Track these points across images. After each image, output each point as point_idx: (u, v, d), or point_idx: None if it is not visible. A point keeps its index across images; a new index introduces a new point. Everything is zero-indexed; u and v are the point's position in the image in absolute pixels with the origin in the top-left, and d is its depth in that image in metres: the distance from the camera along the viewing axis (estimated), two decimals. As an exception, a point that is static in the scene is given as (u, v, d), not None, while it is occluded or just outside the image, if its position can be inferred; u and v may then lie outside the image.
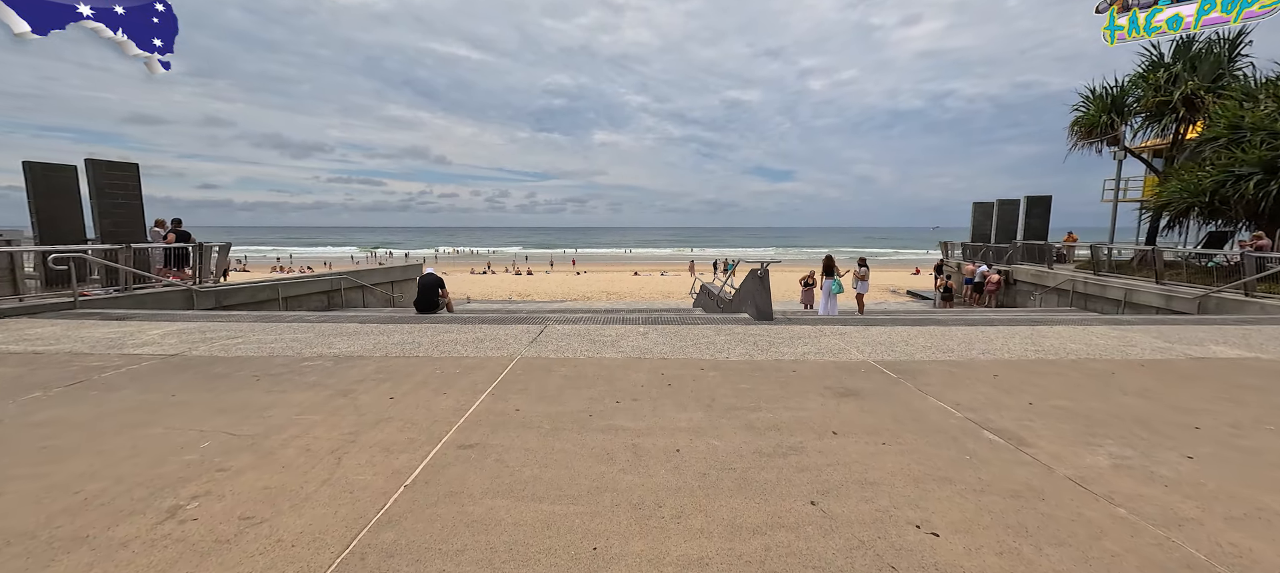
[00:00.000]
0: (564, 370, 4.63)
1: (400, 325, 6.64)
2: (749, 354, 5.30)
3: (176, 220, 9.62)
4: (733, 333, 6.27)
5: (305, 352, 5.27)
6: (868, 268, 12.13)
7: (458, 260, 65.72)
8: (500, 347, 5.51)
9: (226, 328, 6.39)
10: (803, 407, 3.76)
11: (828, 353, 5.39)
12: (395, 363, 4.87)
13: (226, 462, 2.81)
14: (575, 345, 5.59)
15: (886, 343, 5.87)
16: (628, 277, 38.17)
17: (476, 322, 6.94)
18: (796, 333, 6.33)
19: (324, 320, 7.00)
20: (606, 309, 13.20)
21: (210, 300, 9.65)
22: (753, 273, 7.45)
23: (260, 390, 4.03)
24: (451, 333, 6.17)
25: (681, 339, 5.94)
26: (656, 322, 7.02)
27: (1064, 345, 5.86)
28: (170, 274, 9.50)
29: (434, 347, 5.50)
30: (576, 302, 18.90)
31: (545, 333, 6.22)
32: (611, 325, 6.69)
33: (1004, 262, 17.00)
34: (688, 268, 45.00)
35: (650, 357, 5.16)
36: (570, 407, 3.71)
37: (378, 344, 5.60)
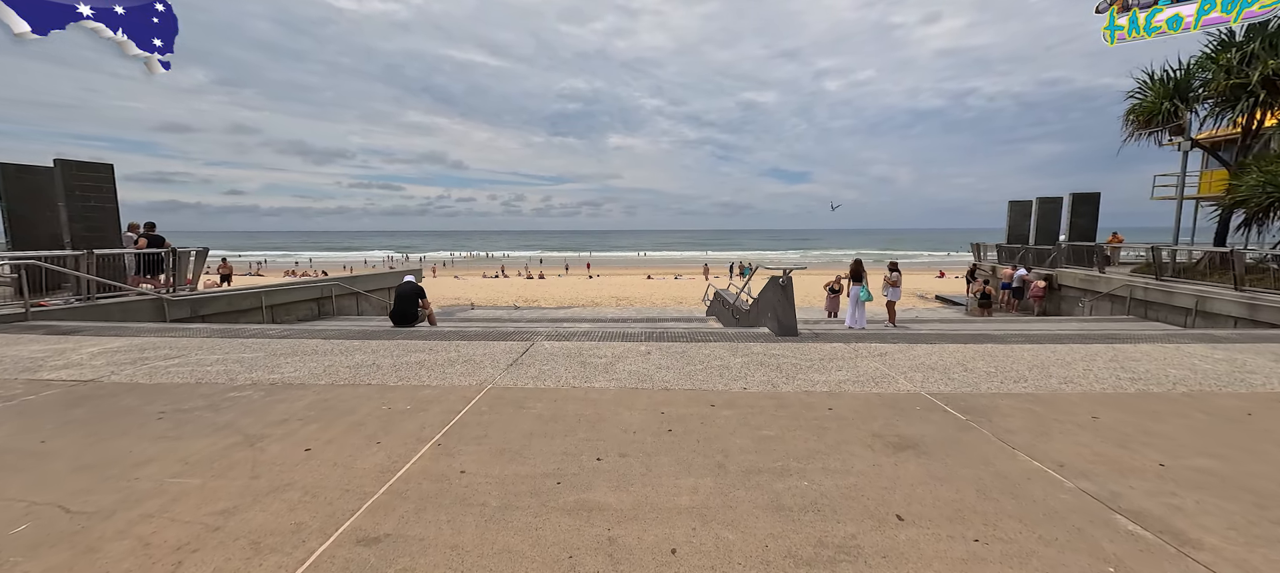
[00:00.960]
0: (540, 407, 3.71)
1: (367, 343, 5.81)
2: (771, 383, 4.32)
3: (150, 224, 9.01)
4: (751, 353, 5.28)
5: (242, 377, 4.45)
6: (899, 273, 11.00)
7: (472, 264, 65.62)
8: (472, 372, 4.62)
9: (173, 345, 5.63)
10: (847, 467, 2.78)
11: (868, 381, 4.38)
12: (339, 394, 4.00)
13: (16, 567, 1.95)
14: (561, 370, 4.67)
15: (939, 367, 4.82)
16: (640, 281, 37.25)
17: (455, 338, 6.07)
18: (827, 353, 5.32)
19: (287, 335, 6.20)
20: (612, 318, 12.29)
21: (185, 310, 8.99)
22: (773, 281, 6.47)
23: (152, 435, 3.19)
24: (421, 353, 5.30)
25: (690, 362, 4.98)
26: (662, 337, 6.07)
27: (1163, 371, 4.76)
28: (143, 282, 8.87)
29: (394, 371, 4.64)
30: (583, 307, 18.04)
31: (530, 353, 5.32)
32: (609, 344, 5.76)
33: (1046, 265, 15.64)
34: (702, 271, 43.92)
35: (650, 386, 4.22)
36: (535, 465, 2.79)
37: (330, 367, 4.76)
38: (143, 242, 8.71)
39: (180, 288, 9.35)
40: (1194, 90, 11.62)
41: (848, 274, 10.74)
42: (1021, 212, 18.49)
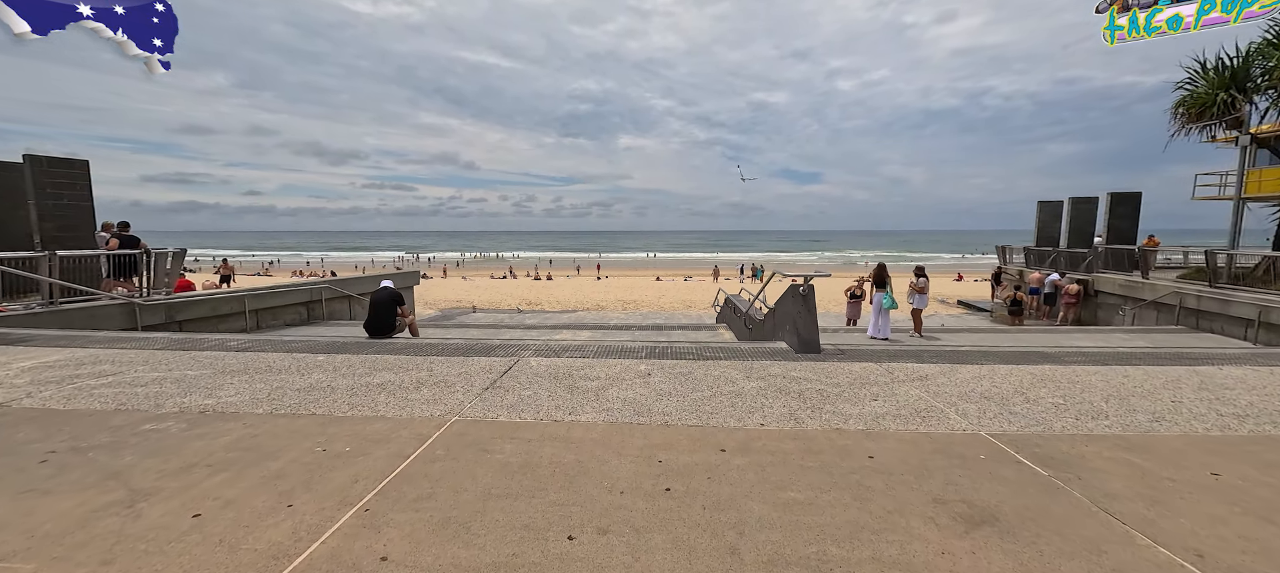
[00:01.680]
0: (508, 451, 3.01)
1: (332, 358, 5.15)
2: (794, 416, 3.57)
3: (123, 224, 8.49)
4: (768, 375, 4.53)
5: (171, 402, 3.80)
6: (927, 279, 10.16)
7: (482, 265, 65.37)
8: (439, 398, 3.93)
9: (117, 359, 5.02)
10: (907, 558, 2.03)
11: (913, 415, 3.61)
12: (273, 428, 3.33)
13: None
14: (543, 397, 3.96)
15: (995, 396, 4.04)
16: (649, 283, 36.52)
17: (431, 353, 5.39)
18: (857, 376, 4.55)
19: (248, 347, 5.58)
20: (615, 324, 11.58)
21: (159, 315, 8.44)
22: (793, 290, 5.71)
23: (17, 489, 2.54)
24: (387, 372, 4.63)
25: (696, 386, 4.24)
26: (665, 353, 5.34)
27: (1268, 403, 3.93)
28: (118, 285, 8.35)
29: (349, 396, 3.96)
30: (587, 312, 17.35)
31: (512, 372, 4.62)
32: (604, 362, 5.04)
33: (1081, 269, 14.64)
34: (712, 273, 43.12)
35: (646, 421, 3.49)
36: (484, 548, 2.08)
37: (277, 390, 4.10)
38: (114, 242, 8.19)
39: (156, 291, 8.82)
40: (1253, 80, 10.63)
41: (869, 278, 9.93)
42: (1052, 212, 17.46)
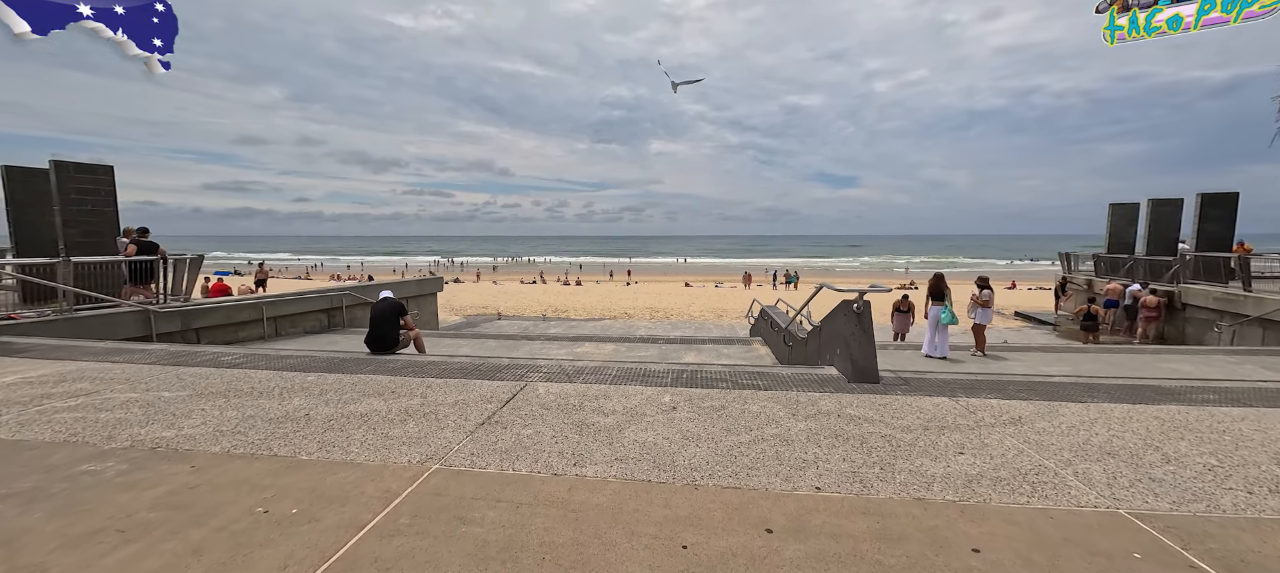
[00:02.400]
0: (490, 521, 2.34)
1: (324, 378, 4.65)
2: (859, 476, 2.78)
3: (142, 230, 8.38)
4: (819, 413, 3.74)
5: (124, 434, 3.32)
6: (991, 291, 9.05)
7: (515, 270, 65.98)
8: (423, 437, 3.31)
9: (100, 375, 4.66)
10: None
11: (1017, 477, 2.77)
12: (222, 471, 2.78)
13: None
14: (546, 439, 3.29)
15: (1121, 450, 3.13)
16: (678, 289, 35.69)
17: (431, 373, 4.82)
18: (929, 415, 3.70)
19: (240, 363, 5.15)
20: (642, 336, 10.88)
21: (174, 323, 8.27)
22: (844, 307, 4.87)
23: (-123, 561, 2.03)
24: (374, 398, 4.06)
25: (731, 426, 3.49)
26: (695, 380, 4.60)
27: None
28: (137, 292, 8.23)
29: (322, 430, 3.40)
30: (614, 320, 16.70)
31: (516, 402, 3.98)
32: (623, 390, 4.34)
33: (1165, 279, 13.05)
34: (742, 279, 41.89)
35: (669, 478, 2.77)
36: None
37: (247, 419, 3.58)
38: (132, 248, 8.05)
39: (175, 298, 8.68)
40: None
41: (927, 289, 8.90)
42: (1126, 216, 15.79)
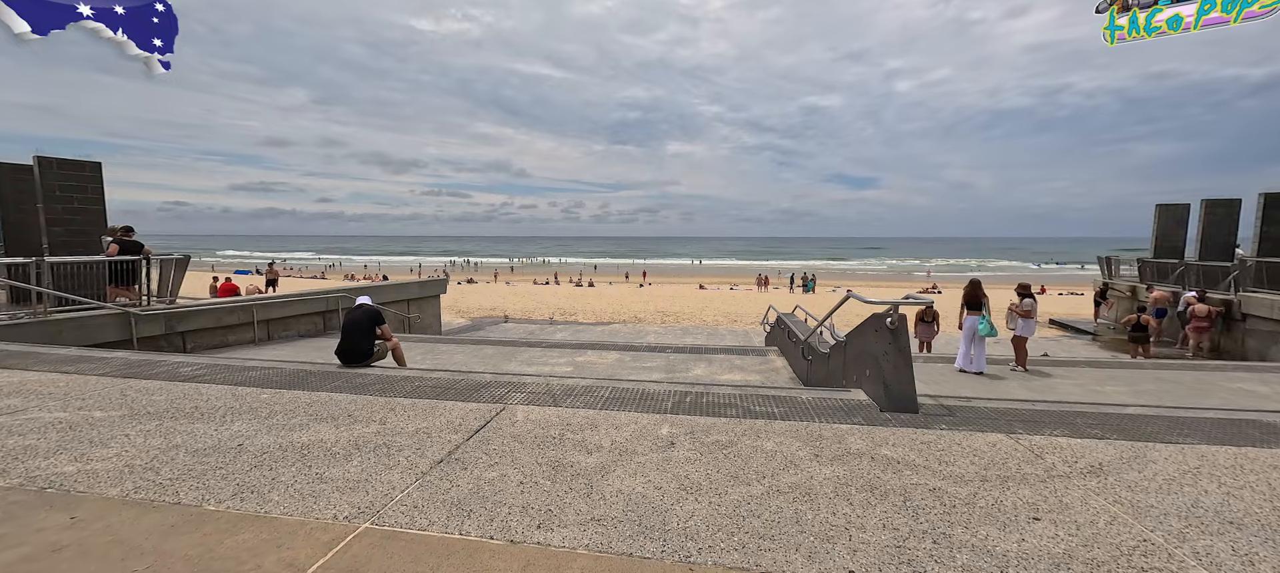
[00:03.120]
0: (407, 622, 1.74)
1: (278, 395, 4.12)
2: (906, 557, 2.11)
3: (127, 228, 8.05)
4: (848, 454, 3.07)
5: (19, 469, 2.82)
6: (1034, 300, 8.20)
7: (529, 270, 65.95)
8: (364, 480, 2.74)
9: (41, 387, 4.21)
10: None
11: (1117, 558, 2.08)
12: (102, 528, 2.24)
13: None
14: (511, 488, 2.68)
15: (1248, 518, 2.40)
16: (692, 292, 34.97)
17: (399, 393, 4.26)
18: (986, 459, 3.01)
19: (195, 378, 4.67)
20: (648, 345, 10.23)
21: (158, 326, 7.90)
22: (876, 321, 4.18)
23: None
24: (325, 425, 3.50)
25: (740, 472, 2.85)
26: (699, 406, 3.96)
27: None
28: (121, 293, 7.89)
29: (249, 469, 2.85)
30: (623, 324, 16.08)
31: (487, 432, 3.39)
32: (614, 417, 3.72)
33: (1221, 287, 11.97)
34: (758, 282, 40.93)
35: (658, 551, 2.14)
36: None
37: (170, 449, 3.05)
38: (113, 248, 7.70)
39: (162, 300, 8.32)
40: None
41: (961, 297, 8.10)
42: (1175, 218, 14.66)
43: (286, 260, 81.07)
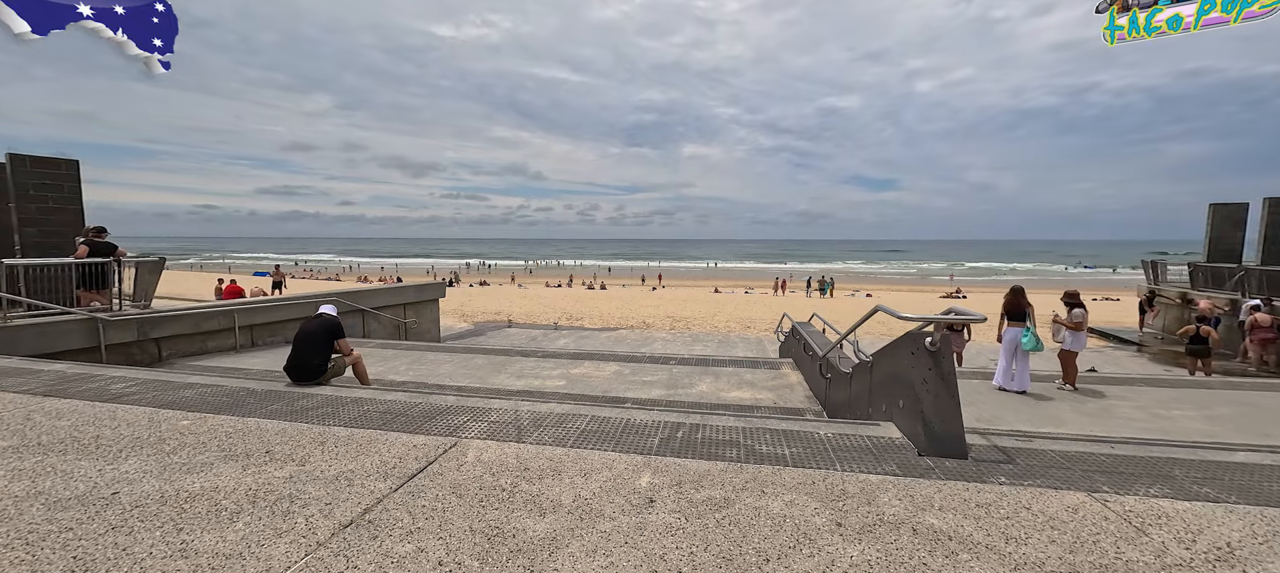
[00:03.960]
0: None
1: (200, 421, 3.52)
2: None
3: (98, 229, 7.64)
4: (883, 524, 2.32)
5: None
6: (1084, 309, 7.28)
7: (544, 273, 65.75)
8: (230, 560, 2.09)
9: (-62, 411, 3.68)
10: None
11: None
12: None
13: None
14: (428, 570, 2.00)
15: None
16: (706, 295, 34.13)
17: (338, 421, 3.63)
18: (1068, 536, 2.23)
19: (121, 397, 4.12)
20: (654, 354, 9.50)
21: (130, 333, 7.46)
22: (912, 341, 3.41)
23: None
24: (230, 466, 2.88)
25: (735, 549, 2.12)
26: (690, 445, 3.24)
27: None
28: (94, 298, 7.49)
29: (95, 538, 2.22)
30: (629, 330, 15.38)
31: (418, 483, 2.73)
32: (585, 458, 3.03)
33: (1290, 295, 10.78)
34: (774, 285, 39.87)
35: None
36: None
37: (24, 500, 2.45)
38: (82, 249, 7.29)
39: (135, 305, 7.90)
40: None
41: (1002, 306, 7.23)
42: (1230, 219, 13.43)
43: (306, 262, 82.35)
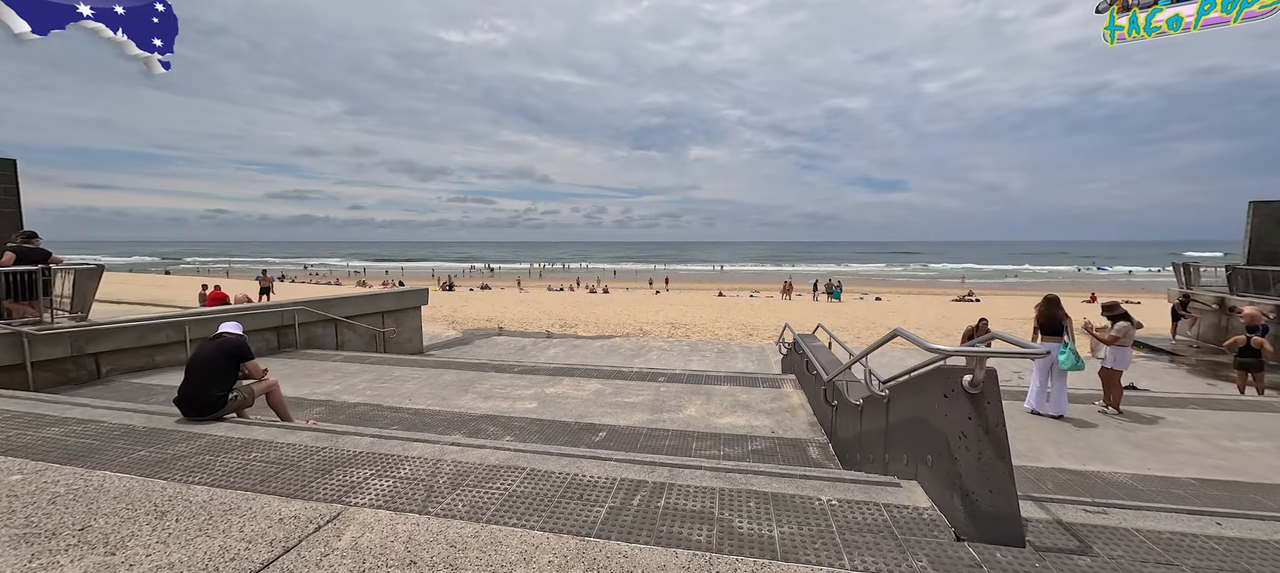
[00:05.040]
0: None
1: (42, 474, 2.77)
2: None
3: (28, 234, 6.97)
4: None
5: None
6: (1130, 322, 6.38)
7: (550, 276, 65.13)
8: None
9: None
10: None
11: None
12: None
13: None
14: None
15: None
16: (709, 299, 33.25)
17: (201, 477, 2.85)
18: None
19: (-27, 437, 3.36)
20: (644, 369, 8.66)
21: (62, 348, 6.77)
22: (944, 377, 2.56)
23: None
24: (5, 560, 2.12)
25: None
26: (645, 520, 2.43)
27: None
28: (25, 308, 6.82)
29: None
30: (624, 338, 14.56)
31: (256, 584, 1.94)
32: (497, 543, 2.23)
33: (1349, 301, 9.75)
34: (782, 289, 38.88)
35: None
36: None
37: None
38: (9, 256, 6.60)
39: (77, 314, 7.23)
40: None
41: (1035, 319, 6.35)
42: (1273, 216, 12.40)
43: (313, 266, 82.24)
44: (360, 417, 5.74)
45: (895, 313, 22.34)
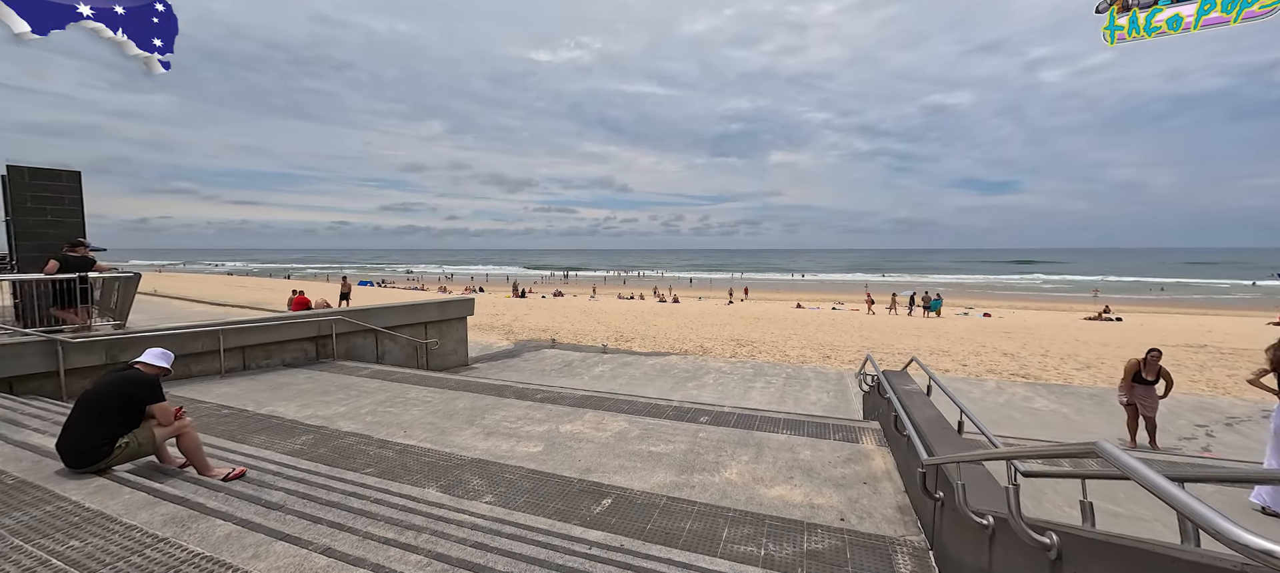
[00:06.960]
0: None
1: None
2: None
3: (73, 243, 7.12)
4: None
5: None
6: None
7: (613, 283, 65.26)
8: None
9: None
10: None
11: None
12: None
13: None
14: None
15: None
16: (786, 311, 30.79)
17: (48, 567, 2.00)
18: None
19: None
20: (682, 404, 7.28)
21: (98, 356, 6.78)
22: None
23: None
24: None
25: None
26: None
27: None
28: (69, 315, 6.97)
29: None
30: (681, 357, 13.17)
31: None
32: None
33: None
34: (865, 301, 35.23)
35: None
36: None
37: None
38: (53, 264, 6.73)
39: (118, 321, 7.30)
40: None
41: (1270, 359, 4.22)
42: None
43: (413, 271, 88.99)
44: (341, 452, 4.98)
45: (1009, 335, 18.88)
